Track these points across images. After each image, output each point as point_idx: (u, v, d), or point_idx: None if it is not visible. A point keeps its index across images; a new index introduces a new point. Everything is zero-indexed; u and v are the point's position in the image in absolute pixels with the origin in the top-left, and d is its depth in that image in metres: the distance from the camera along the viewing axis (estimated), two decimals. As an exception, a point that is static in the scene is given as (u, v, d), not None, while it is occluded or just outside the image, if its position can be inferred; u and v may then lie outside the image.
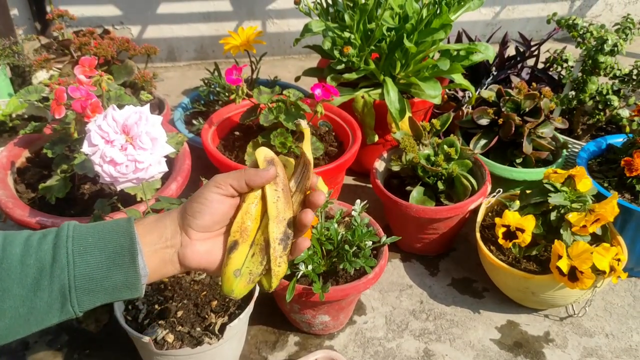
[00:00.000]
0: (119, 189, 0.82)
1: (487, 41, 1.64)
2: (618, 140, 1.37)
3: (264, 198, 0.61)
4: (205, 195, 0.60)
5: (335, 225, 1.05)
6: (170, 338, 0.92)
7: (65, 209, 1.05)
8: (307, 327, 1.12)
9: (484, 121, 1.39)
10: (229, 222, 0.62)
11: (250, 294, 1.01)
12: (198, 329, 0.93)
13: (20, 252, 0.54)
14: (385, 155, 1.38)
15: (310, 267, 0.99)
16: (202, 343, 0.91)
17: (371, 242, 1.05)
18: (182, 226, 0.60)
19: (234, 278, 0.60)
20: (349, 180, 1.60)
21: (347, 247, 1.02)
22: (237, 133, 1.36)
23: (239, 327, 0.97)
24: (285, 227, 0.61)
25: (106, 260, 0.56)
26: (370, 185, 1.38)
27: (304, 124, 0.62)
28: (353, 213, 1.10)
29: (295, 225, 0.62)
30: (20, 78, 1.63)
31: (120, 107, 0.81)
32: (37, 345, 1.09)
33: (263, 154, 0.61)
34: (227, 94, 1.58)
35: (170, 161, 1.16)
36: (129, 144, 0.80)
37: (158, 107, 1.55)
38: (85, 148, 0.79)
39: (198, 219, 0.60)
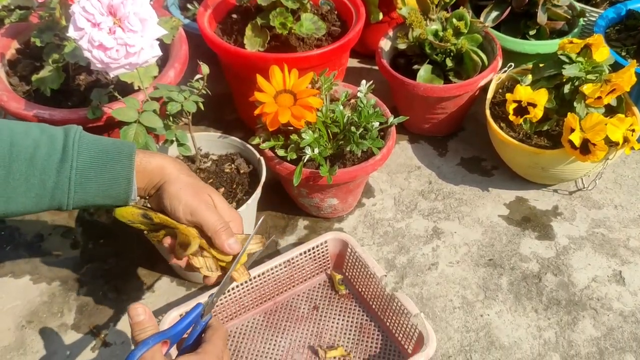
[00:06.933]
0: (111, 75, 0.79)
1: None
2: (639, 5, 1.29)
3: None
4: (176, 213, 0.69)
5: (341, 107, 1.02)
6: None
7: (62, 100, 1.02)
8: (316, 211, 1.13)
9: (496, -9, 1.30)
10: None
11: (257, 180, 1.00)
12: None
13: (25, 170, 0.62)
14: (390, 33, 1.32)
15: (316, 151, 0.97)
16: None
17: (378, 124, 1.02)
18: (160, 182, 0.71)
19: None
20: (353, 62, 1.54)
21: (353, 129, 0.99)
22: (234, 16, 1.29)
23: (247, 213, 0.97)
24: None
25: (103, 192, 0.67)
26: (376, 68, 1.33)
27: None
28: (359, 94, 1.06)
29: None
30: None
31: (105, -13, 0.75)
32: (51, 237, 1.12)
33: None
34: (221, -26, 1.48)
35: (166, 47, 1.11)
36: (117, 26, 0.75)
37: (149, -9, 1.46)
38: (72, 32, 0.74)
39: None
